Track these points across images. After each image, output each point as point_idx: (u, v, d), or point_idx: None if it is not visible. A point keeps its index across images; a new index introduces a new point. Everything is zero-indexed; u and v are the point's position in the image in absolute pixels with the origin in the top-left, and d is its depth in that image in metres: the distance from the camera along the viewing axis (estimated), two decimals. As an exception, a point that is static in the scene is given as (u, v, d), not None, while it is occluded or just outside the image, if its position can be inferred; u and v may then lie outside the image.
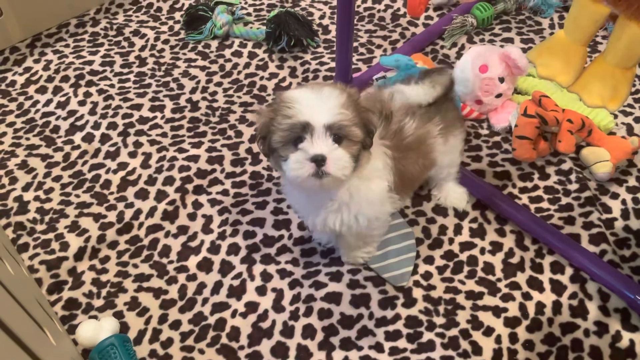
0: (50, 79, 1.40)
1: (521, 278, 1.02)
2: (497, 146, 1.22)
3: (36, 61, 1.44)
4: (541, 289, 1.01)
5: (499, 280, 1.02)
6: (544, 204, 1.12)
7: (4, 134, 1.28)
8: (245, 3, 1.58)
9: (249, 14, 1.54)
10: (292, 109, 0.78)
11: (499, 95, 1.22)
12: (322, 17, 1.53)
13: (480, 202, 1.12)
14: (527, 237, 1.07)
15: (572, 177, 1.15)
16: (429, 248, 1.07)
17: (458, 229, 1.09)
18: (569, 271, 1.03)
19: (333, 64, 1.40)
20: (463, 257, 1.05)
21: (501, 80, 1.21)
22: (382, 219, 0.94)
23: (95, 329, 0.94)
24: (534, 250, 1.06)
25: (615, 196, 1.13)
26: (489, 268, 1.04)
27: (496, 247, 1.06)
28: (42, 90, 1.37)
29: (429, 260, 1.05)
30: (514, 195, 1.14)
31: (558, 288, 1.01)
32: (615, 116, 1.24)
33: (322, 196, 0.87)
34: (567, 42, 0.81)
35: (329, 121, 0.77)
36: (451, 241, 1.08)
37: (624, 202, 1.12)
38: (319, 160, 0.77)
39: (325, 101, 0.78)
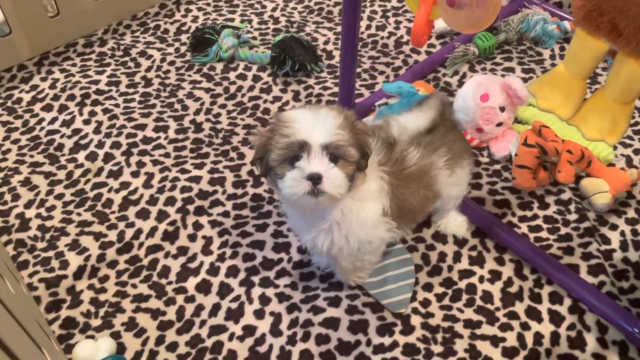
0: (56, 97, 1.41)
1: (520, 308, 1.02)
2: (497, 174, 1.23)
3: (43, 79, 1.46)
4: (539, 319, 1.01)
5: (498, 309, 1.02)
6: (543, 234, 1.13)
7: (9, 150, 1.30)
8: (251, 27, 1.60)
9: (254, 38, 1.57)
10: (290, 128, 0.80)
11: (499, 124, 1.23)
12: (326, 42, 1.55)
13: (479, 230, 1.13)
14: (526, 267, 1.07)
15: (572, 207, 1.16)
16: (428, 275, 1.07)
17: (457, 257, 1.09)
18: (567, 302, 1.03)
19: (336, 89, 1.42)
20: (462, 285, 1.05)
21: (502, 109, 1.22)
22: (375, 244, 0.94)
23: (92, 349, 0.93)
24: (533, 279, 1.06)
25: (614, 227, 1.13)
26: (487, 297, 1.04)
27: (495, 275, 1.07)
28: (47, 108, 1.39)
29: (428, 287, 1.05)
30: (514, 223, 1.14)
31: (556, 319, 1.01)
32: (615, 148, 1.25)
33: (315, 214, 0.88)
34: (567, 76, 0.82)
35: (325, 141, 0.79)
36: (450, 269, 1.08)
37: (622, 233, 1.12)
38: (315, 179, 0.79)
39: (322, 121, 0.80)
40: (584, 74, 0.81)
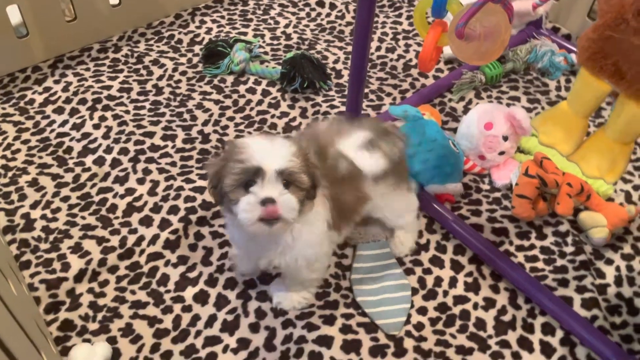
0: (68, 100, 1.44)
1: (512, 337, 1.03)
2: (497, 202, 1.24)
3: (56, 82, 1.48)
4: (531, 350, 1.02)
5: (490, 337, 1.03)
6: (539, 264, 1.14)
7: (18, 150, 1.32)
8: (264, 42, 1.63)
9: (266, 53, 1.59)
10: (245, 154, 0.83)
11: (501, 153, 1.25)
12: (336, 61, 1.58)
13: (476, 256, 1.14)
14: (520, 296, 1.09)
15: (569, 239, 1.17)
16: (423, 299, 1.08)
17: (453, 282, 1.11)
18: (559, 334, 1.04)
19: (343, 108, 1.44)
20: (456, 310, 1.07)
21: (505, 138, 1.24)
22: (322, 261, 0.99)
23: (88, 353, 0.95)
24: (527, 309, 1.07)
25: (609, 262, 1.14)
26: (480, 324, 1.05)
27: (489, 303, 1.08)
28: (59, 110, 1.41)
29: (422, 311, 1.06)
30: (510, 252, 1.16)
31: (548, 350, 1.02)
32: (615, 183, 1.27)
33: (268, 239, 0.92)
34: (569, 114, 0.84)
35: (280, 167, 0.83)
36: (445, 294, 1.09)
37: (617, 268, 1.13)
38: (268, 203, 0.82)
39: (277, 149, 0.84)
40: (586, 112, 0.83)
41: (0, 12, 1.38)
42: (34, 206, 1.21)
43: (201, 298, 1.07)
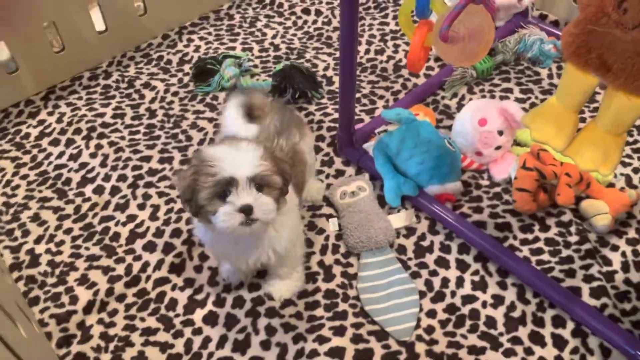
0: (63, 132, 1.44)
1: (523, 332, 1.03)
2: (497, 197, 1.24)
3: (50, 114, 1.49)
4: (543, 344, 1.02)
5: (501, 334, 1.03)
6: (545, 256, 1.14)
7: (18, 186, 1.32)
8: (252, 55, 1.63)
9: (255, 66, 1.59)
10: (215, 167, 0.85)
11: (498, 148, 1.25)
12: (326, 68, 1.58)
13: (481, 254, 1.14)
14: (528, 290, 1.08)
15: (572, 229, 1.17)
16: (431, 301, 1.08)
17: (460, 282, 1.11)
18: (570, 325, 1.03)
19: (336, 115, 1.44)
20: (465, 310, 1.07)
21: (500, 133, 1.24)
22: (300, 234, 1.07)
23: (103, 386, 0.96)
24: (536, 303, 1.07)
25: (615, 248, 1.14)
26: (490, 322, 1.05)
27: (498, 300, 1.08)
28: (55, 142, 1.42)
29: (432, 313, 1.06)
30: (515, 247, 1.15)
31: (560, 343, 1.02)
32: (611, 174, 1.26)
33: (253, 240, 0.95)
34: (559, 108, 0.84)
35: (251, 174, 0.85)
36: (453, 294, 1.09)
37: (623, 254, 1.13)
38: (247, 210, 0.85)
39: (244, 155, 0.86)
40: (576, 106, 0.83)
41: (-11, 50, 1.39)
42: (37, 241, 1.21)
43: (211, 319, 1.07)
